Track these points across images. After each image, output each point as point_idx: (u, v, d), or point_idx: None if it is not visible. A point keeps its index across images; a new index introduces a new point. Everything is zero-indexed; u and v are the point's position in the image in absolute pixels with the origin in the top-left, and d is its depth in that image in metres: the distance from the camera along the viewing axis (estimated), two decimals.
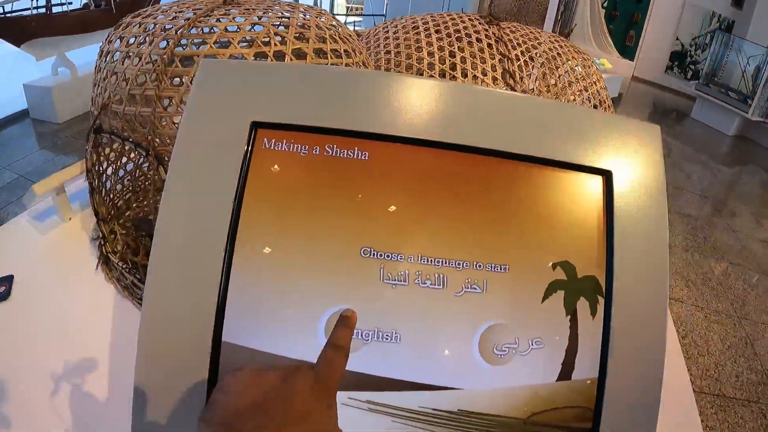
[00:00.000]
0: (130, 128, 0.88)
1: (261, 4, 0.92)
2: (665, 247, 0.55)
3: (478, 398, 0.52)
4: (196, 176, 0.50)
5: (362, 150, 0.52)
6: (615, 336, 0.54)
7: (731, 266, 3.56)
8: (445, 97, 0.54)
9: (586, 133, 0.56)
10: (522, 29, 1.19)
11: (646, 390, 0.54)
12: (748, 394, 2.45)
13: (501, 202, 0.54)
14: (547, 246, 0.54)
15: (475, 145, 0.53)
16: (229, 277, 0.49)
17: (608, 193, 0.55)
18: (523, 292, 0.54)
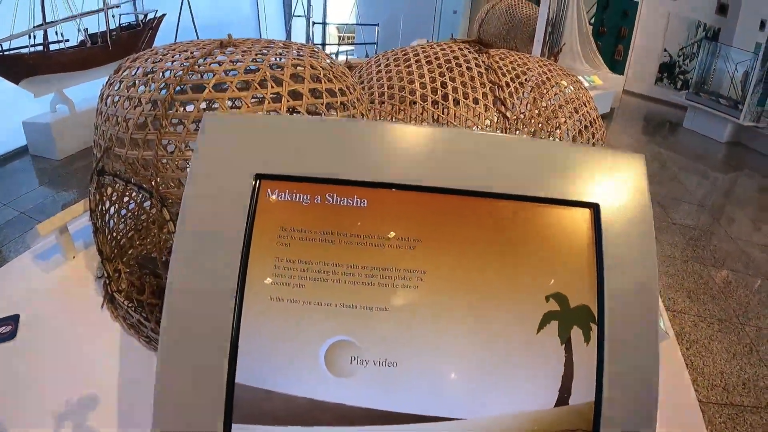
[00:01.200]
0: (132, 171, 0.89)
1: (256, 45, 0.95)
2: (654, 272, 0.57)
3: (481, 426, 0.54)
4: (205, 228, 0.52)
5: (361, 198, 0.54)
6: (608, 361, 0.56)
7: (732, 273, 3.57)
8: (436, 142, 0.57)
9: (573, 168, 0.59)
10: (511, 56, 1.22)
11: (643, 409, 0.56)
12: (757, 401, 2.44)
13: (495, 241, 0.56)
14: (540, 279, 0.56)
15: (467, 188, 0.56)
16: (240, 322, 0.51)
17: (596, 225, 0.57)
18: (519, 325, 0.56)
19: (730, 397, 2.42)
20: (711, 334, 2.83)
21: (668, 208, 4.57)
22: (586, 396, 0.56)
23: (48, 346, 0.96)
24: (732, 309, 3.11)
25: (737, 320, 3.00)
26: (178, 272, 0.52)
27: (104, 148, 0.93)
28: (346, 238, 0.54)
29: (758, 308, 3.18)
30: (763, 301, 3.27)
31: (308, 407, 0.52)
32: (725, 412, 2.33)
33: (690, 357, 2.62)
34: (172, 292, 0.51)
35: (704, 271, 3.52)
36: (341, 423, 0.52)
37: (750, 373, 2.59)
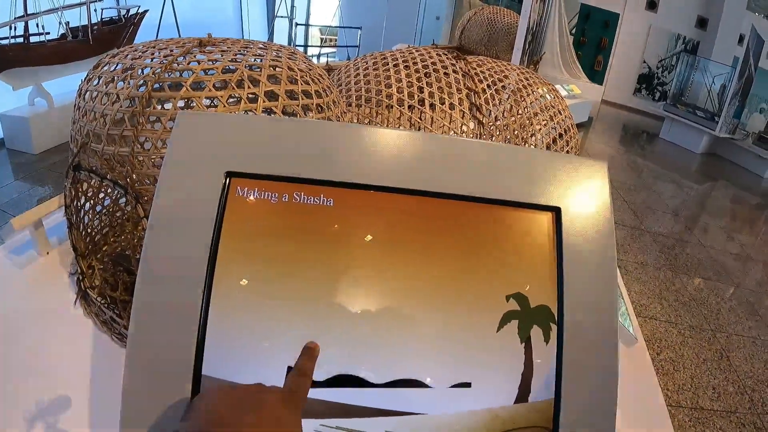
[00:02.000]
0: (108, 167, 0.89)
1: (235, 45, 0.95)
2: (613, 275, 0.60)
3: (442, 421, 0.56)
4: (176, 223, 0.54)
5: (327, 197, 0.56)
6: (567, 360, 0.58)
7: (704, 281, 3.64)
8: (403, 145, 0.58)
9: (537, 172, 0.61)
10: (488, 62, 1.24)
11: (602, 408, 0.58)
12: (726, 405, 2.49)
13: (458, 242, 0.58)
14: (501, 280, 0.58)
15: (432, 190, 0.58)
16: (207, 316, 0.52)
17: (558, 228, 0.60)
18: (479, 324, 0.57)
19: (700, 401, 2.47)
20: (682, 340, 2.89)
21: (642, 216, 4.65)
22: (546, 394, 0.58)
23: (20, 342, 0.95)
24: (703, 316, 3.17)
25: (708, 327, 3.07)
26: (149, 266, 0.53)
27: (81, 144, 0.93)
28: (313, 236, 0.55)
29: (729, 315, 3.25)
30: (734, 309, 3.34)
31: None
32: (695, 416, 2.38)
33: (660, 362, 2.67)
34: (142, 284, 0.52)
35: (676, 278, 3.59)
36: (306, 416, 0.53)
37: (720, 378, 2.65)
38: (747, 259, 4.19)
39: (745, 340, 3.02)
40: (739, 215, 5.32)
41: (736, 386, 2.63)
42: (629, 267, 3.63)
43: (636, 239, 4.13)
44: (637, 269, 3.63)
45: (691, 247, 4.19)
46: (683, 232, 4.50)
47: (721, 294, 3.52)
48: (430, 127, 1.00)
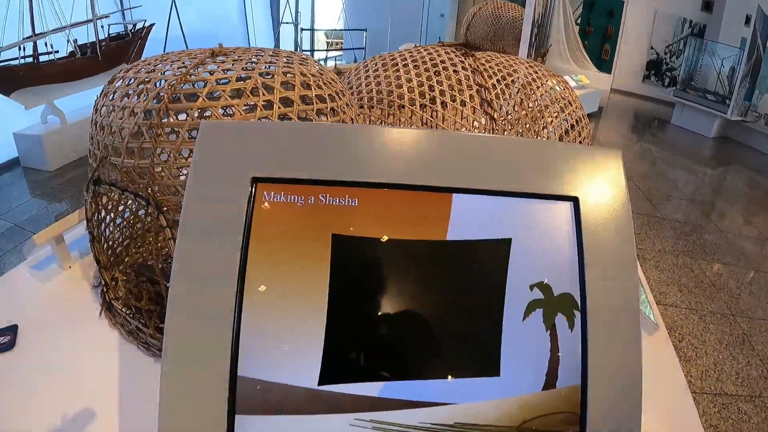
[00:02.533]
0: (128, 179, 0.91)
1: (247, 53, 0.97)
2: (633, 260, 0.60)
3: (472, 411, 0.57)
4: (206, 230, 0.55)
5: (352, 197, 0.57)
6: (592, 346, 0.59)
7: (723, 266, 3.61)
8: (421, 143, 0.60)
9: (553, 163, 0.62)
10: (497, 58, 1.24)
11: (628, 391, 0.59)
12: (750, 390, 2.47)
13: (480, 236, 0.59)
14: (525, 270, 0.59)
15: (453, 186, 0.59)
16: (240, 319, 0.54)
17: (576, 217, 0.61)
18: (506, 313, 0.59)
19: (723, 387, 2.45)
20: (703, 326, 2.87)
21: (658, 203, 4.62)
22: (573, 380, 0.59)
23: (47, 354, 0.97)
24: (723, 301, 3.14)
25: (729, 312, 3.04)
26: (181, 274, 0.54)
27: (100, 158, 0.95)
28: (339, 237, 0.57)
29: (750, 300, 3.22)
30: (754, 293, 3.31)
31: (306, 396, 0.54)
32: (719, 401, 2.36)
33: (683, 349, 2.66)
34: (174, 293, 0.53)
35: (695, 264, 3.56)
36: (336, 411, 0.54)
37: (743, 363, 2.63)
38: (765, 243, 4.14)
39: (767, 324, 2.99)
40: (754, 198, 5.25)
41: (760, 370, 2.60)
42: (647, 255, 3.61)
43: (653, 227, 4.10)
44: (655, 257, 3.60)
45: (709, 232, 4.16)
46: (700, 217, 4.46)
47: (740, 278, 3.48)
48: (442, 125, 1.01)
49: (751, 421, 2.28)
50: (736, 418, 2.29)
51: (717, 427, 2.23)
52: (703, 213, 4.58)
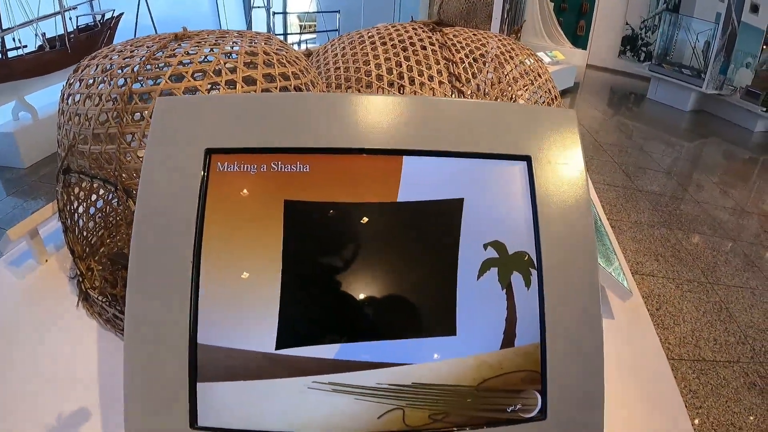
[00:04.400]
0: (97, 166, 0.91)
1: (211, 35, 0.96)
2: (589, 218, 0.61)
3: (429, 371, 0.58)
4: (162, 203, 0.56)
5: (303, 164, 0.58)
6: (549, 303, 0.60)
7: (699, 236, 3.68)
8: (373, 108, 0.60)
9: (506, 124, 0.63)
10: (465, 32, 1.25)
11: (589, 348, 0.60)
12: (729, 356, 2.52)
13: (434, 196, 0.60)
14: (479, 230, 0.60)
15: (403, 148, 0.59)
16: (198, 289, 0.54)
17: (530, 176, 0.61)
18: (461, 273, 0.59)
19: (701, 353, 2.51)
20: (680, 294, 2.92)
21: (634, 176, 4.67)
22: (532, 338, 0.60)
23: (26, 348, 0.96)
24: (700, 270, 3.21)
25: (706, 280, 3.10)
26: (139, 248, 0.55)
27: (68, 146, 0.94)
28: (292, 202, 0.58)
29: (726, 268, 3.28)
30: (730, 261, 3.38)
31: (264, 361, 0.55)
32: (698, 367, 2.42)
33: (660, 317, 2.71)
34: (133, 267, 0.54)
35: (671, 234, 3.62)
36: (294, 374, 0.55)
37: (720, 329, 2.69)
38: (741, 213, 4.22)
39: (744, 291, 3.05)
40: (731, 170, 5.35)
41: (737, 337, 2.66)
42: (623, 227, 3.66)
43: (629, 199, 4.15)
44: (631, 228, 3.65)
45: (685, 203, 4.22)
46: (676, 189, 4.53)
47: (717, 248, 3.55)
48: None
49: (730, 386, 2.34)
50: (714, 383, 2.34)
51: (696, 393, 2.28)
52: (679, 185, 4.65)
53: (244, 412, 0.55)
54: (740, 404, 2.25)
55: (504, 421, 0.58)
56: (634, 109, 7.43)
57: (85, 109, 0.89)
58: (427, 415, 0.57)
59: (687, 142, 6.21)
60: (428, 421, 0.57)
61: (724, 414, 2.18)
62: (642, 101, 7.69)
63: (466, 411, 0.58)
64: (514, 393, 0.59)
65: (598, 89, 8.16)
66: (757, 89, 6.78)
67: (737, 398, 2.28)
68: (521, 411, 0.59)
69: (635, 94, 8.06)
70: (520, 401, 0.59)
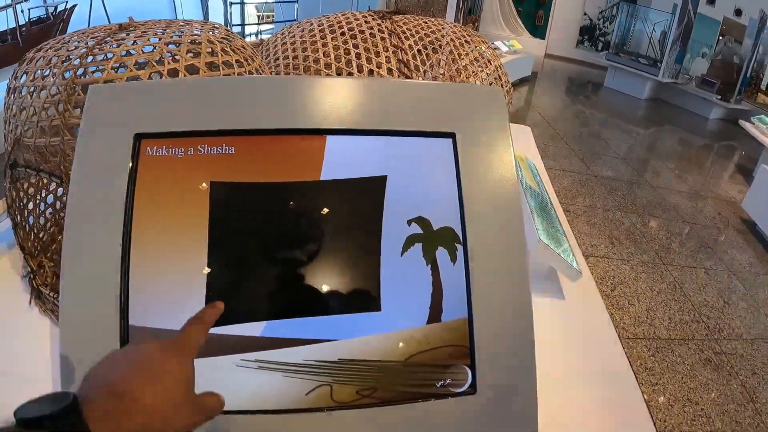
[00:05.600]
0: (43, 159, 0.90)
1: (157, 25, 0.95)
2: (515, 193, 0.63)
3: (356, 346, 0.59)
4: (93, 189, 0.56)
5: (229, 146, 0.59)
6: (475, 277, 0.61)
7: (654, 219, 3.78)
8: (298, 90, 0.61)
9: (432, 103, 0.64)
10: (415, 20, 1.26)
11: (518, 323, 0.62)
12: (683, 334, 2.60)
13: (359, 174, 0.62)
14: (403, 206, 0.62)
15: (327, 128, 0.61)
16: (129, 271, 0.55)
17: (455, 153, 0.63)
18: (383, 250, 0.61)
19: (656, 332, 2.58)
20: (635, 275, 3.00)
21: (590, 162, 4.76)
22: (459, 313, 0.61)
23: None
24: (655, 251, 3.30)
25: (660, 261, 3.19)
26: (72, 234, 0.55)
27: (13, 140, 0.93)
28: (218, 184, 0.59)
29: (680, 249, 3.39)
30: (685, 243, 3.49)
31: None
32: (653, 345, 2.48)
33: (615, 298, 2.78)
34: (67, 253, 0.54)
35: (626, 218, 3.72)
36: (222, 352, 0.56)
37: (675, 308, 2.77)
38: (696, 197, 4.36)
39: (698, 272, 3.16)
40: (686, 156, 5.51)
41: (692, 315, 2.75)
42: (578, 211, 3.74)
43: (584, 184, 4.23)
44: (586, 212, 3.73)
45: (640, 188, 4.33)
46: (632, 175, 4.64)
47: (671, 230, 3.66)
48: None
49: (686, 363, 2.42)
50: (670, 360, 2.42)
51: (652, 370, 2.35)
52: (635, 171, 4.77)
53: None
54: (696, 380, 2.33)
55: (433, 396, 0.60)
56: (591, 98, 7.58)
57: (30, 102, 0.88)
58: (355, 391, 0.58)
59: (643, 129, 6.36)
60: (356, 397, 0.58)
61: (680, 389, 2.25)
62: (599, 90, 7.86)
63: (394, 386, 0.59)
64: (443, 368, 0.60)
65: (556, 78, 8.29)
66: (712, 78, 7.00)
67: (693, 374, 2.36)
68: (451, 386, 0.60)
69: (592, 82, 8.22)
70: (450, 376, 0.60)
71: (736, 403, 2.22)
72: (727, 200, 4.41)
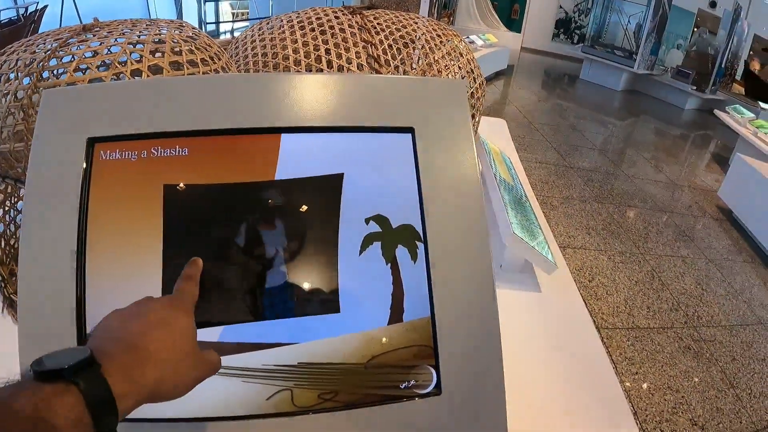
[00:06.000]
0: (9, 166, 0.88)
1: (122, 25, 0.94)
2: (477, 188, 0.62)
3: (316, 349, 0.58)
4: (48, 193, 0.55)
5: (182, 147, 0.58)
6: (436, 276, 0.60)
7: (630, 209, 3.82)
8: (250, 88, 0.60)
9: (389, 97, 0.63)
10: (386, 14, 1.25)
11: (483, 321, 0.60)
12: (662, 322, 2.63)
13: (315, 172, 0.61)
14: (360, 204, 0.60)
15: (281, 126, 0.60)
16: (84, 278, 0.54)
17: (414, 148, 0.62)
18: (341, 249, 0.60)
19: (635, 321, 2.60)
20: (613, 265, 3.02)
21: (566, 154, 4.79)
22: (422, 312, 0.60)
23: None
24: (632, 241, 3.33)
25: (638, 251, 3.22)
26: (27, 243, 0.54)
27: None
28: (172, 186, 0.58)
29: (657, 238, 3.42)
30: (662, 232, 3.52)
31: None
32: (632, 335, 2.50)
33: (593, 288, 2.79)
34: (23, 262, 0.53)
35: (603, 209, 3.74)
36: None
37: (653, 297, 2.80)
38: (673, 186, 4.42)
39: (675, 260, 3.19)
40: (663, 146, 5.57)
41: (670, 303, 2.78)
42: (554, 202, 3.75)
43: (561, 176, 4.26)
44: (562, 204, 3.75)
45: (617, 179, 4.37)
46: (609, 165, 4.68)
47: (648, 219, 3.69)
48: None
49: (665, 351, 2.43)
50: (650, 349, 2.43)
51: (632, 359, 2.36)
52: (611, 161, 4.81)
53: None
54: (675, 368, 2.35)
55: (398, 398, 0.58)
56: (567, 90, 7.64)
57: None
58: (317, 395, 0.57)
59: (619, 120, 6.43)
60: (318, 401, 0.57)
61: (660, 378, 2.27)
62: (575, 82, 7.92)
63: (356, 389, 0.58)
64: (407, 369, 0.59)
65: (532, 71, 8.34)
66: (687, 69, 7.10)
67: (672, 362, 2.38)
68: (415, 387, 0.59)
69: (568, 75, 8.29)
70: (414, 377, 0.59)
71: (716, 389, 2.25)
72: (703, 189, 4.47)
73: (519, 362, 0.67)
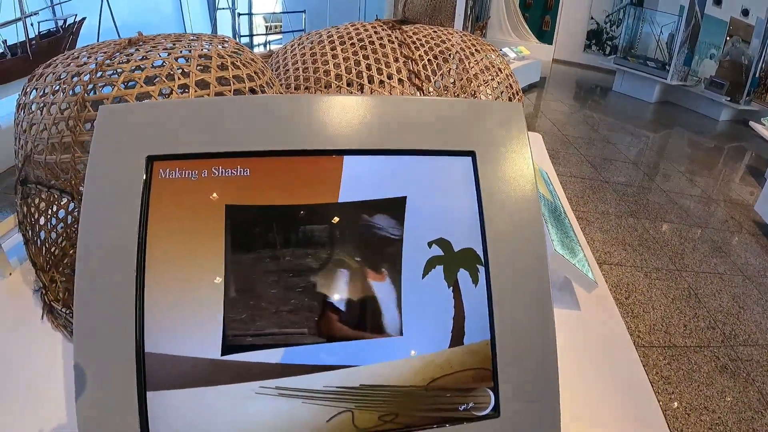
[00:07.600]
0: (53, 176, 0.89)
1: (167, 39, 0.95)
2: (537, 211, 0.62)
3: (377, 372, 0.57)
4: (105, 213, 0.55)
5: (243, 167, 0.58)
6: (497, 299, 0.60)
7: (666, 224, 3.75)
8: (312, 109, 0.60)
9: (450, 120, 0.63)
10: (424, 29, 1.25)
11: (541, 344, 0.60)
12: (699, 341, 2.57)
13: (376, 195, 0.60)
14: (423, 228, 0.60)
15: (343, 148, 0.59)
16: (144, 296, 0.54)
17: (475, 171, 0.62)
18: (404, 272, 0.59)
19: (672, 339, 2.55)
20: (649, 282, 2.97)
21: (601, 168, 4.74)
22: (481, 335, 0.59)
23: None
24: (668, 257, 3.26)
25: (674, 267, 3.16)
26: (84, 260, 0.54)
27: (24, 157, 0.92)
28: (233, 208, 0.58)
29: (694, 254, 3.35)
30: (697, 248, 3.45)
31: (211, 367, 0.55)
32: (669, 353, 2.45)
33: (630, 305, 2.75)
34: (80, 279, 0.53)
35: (639, 224, 3.68)
36: (241, 380, 0.55)
37: (690, 315, 2.74)
38: (708, 200, 4.32)
39: (712, 277, 3.12)
40: (696, 159, 5.46)
41: (707, 321, 2.71)
42: (590, 218, 3.71)
43: (596, 190, 4.20)
44: (598, 219, 3.70)
45: (652, 193, 4.30)
46: (643, 179, 4.61)
47: (684, 235, 3.62)
48: None
49: (702, 371, 2.38)
50: (686, 368, 2.38)
51: (668, 379, 2.32)
52: (646, 175, 4.74)
53: (193, 419, 0.55)
54: (712, 387, 2.29)
55: (456, 420, 0.58)
56: (600, 102, 7.55)
57: (40, 119, 0.88)
58: (377, 417, 0.57)
59: (653, 132, 6.33)
60: (378, 423, 0.57)
61: (696, 398, 2.22)
62: (607, 94, 7.83)
63: (416, 411, 0.58)
64: (466, 391, 0.59)
65: (564, 83, 8.27)
66: (721, 79, 6.96)
67: (709, 382, 2.33)
68: (474, 409, 0.59)
69: (601, 87, 8.20)
70: (472, 399, 0.59)
71: (753, 410, 2.18)
72: (739, 203, 4.37)
73: (562, 384, 0.67)
